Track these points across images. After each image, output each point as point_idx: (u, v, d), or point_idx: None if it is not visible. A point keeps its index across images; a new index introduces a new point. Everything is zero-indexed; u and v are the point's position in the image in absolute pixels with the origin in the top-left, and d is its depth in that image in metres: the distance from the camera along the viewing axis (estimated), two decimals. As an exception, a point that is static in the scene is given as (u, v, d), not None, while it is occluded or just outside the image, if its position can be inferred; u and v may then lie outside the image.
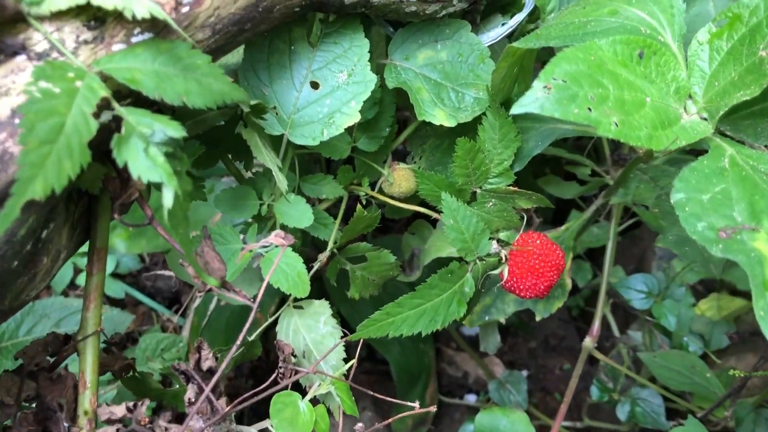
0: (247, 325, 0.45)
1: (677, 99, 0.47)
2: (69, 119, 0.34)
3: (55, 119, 0.33)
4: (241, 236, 0.66)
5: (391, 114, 0.64)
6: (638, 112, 0.43)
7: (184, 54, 0.40)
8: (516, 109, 0.40)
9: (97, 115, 0.36)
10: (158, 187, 0.37)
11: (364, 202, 0.69)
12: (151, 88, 0.38)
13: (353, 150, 0.65)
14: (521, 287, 0.58)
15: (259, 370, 1.16)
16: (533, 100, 0.40)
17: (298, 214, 0.60)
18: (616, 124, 0.41)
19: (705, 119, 0.47)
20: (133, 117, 0.37)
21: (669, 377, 0.81)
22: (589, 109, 0.41)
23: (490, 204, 0.61)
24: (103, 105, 0.37)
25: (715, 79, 0.47)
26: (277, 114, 0.55)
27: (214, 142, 0.60)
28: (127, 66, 0.38)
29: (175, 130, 0.37)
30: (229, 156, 0.64)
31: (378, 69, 0.61)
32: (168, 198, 0.36)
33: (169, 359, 1.02)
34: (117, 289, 1.30)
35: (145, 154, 0.36)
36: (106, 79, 0.38)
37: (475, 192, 0.61)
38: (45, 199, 0.32)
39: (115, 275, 1.31)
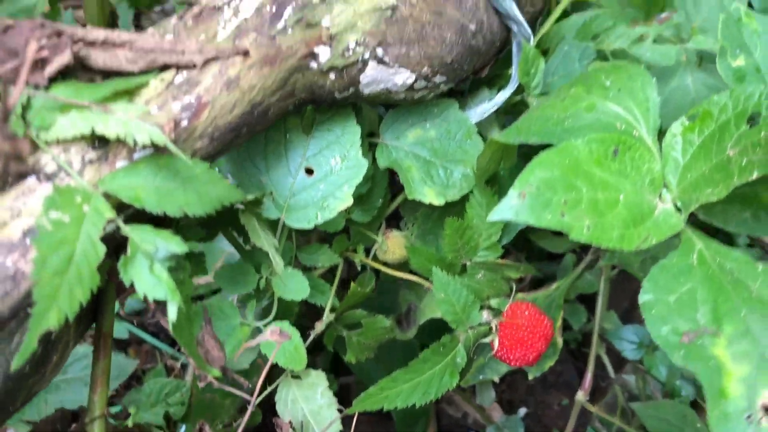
0: (249, 413, 0.48)
1: (652, 190, 0.50)
2: (78, 246, 0.37)
3: (66, 249, 0.36)
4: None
5: (384, 186, 0.67)
6: (611, 212, 0.45)
7: (183, 167, 0.43)
8: (493, 216, 0.43)
9: (102, 237, 0.39)
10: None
11: (359, 269, 0.72)
12: (154, 204, 0.41)
13: (348, 221, 0.67)
14: (511, 358, 0.61)
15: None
16: (509, 208, 0.43)
17: (295, 287, 0.62)
18: (589, 228, 0.44)
19: (679, 209, 0.49)
20: (137, 235, 0.40)
21: (660, 427, 0.83)
22: (563, 213, 0.44)
23: (480, 275, 0.64)
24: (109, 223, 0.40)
25: (688, 171, 0.50)
26: (273, 199, 0.58)
27: (215, 221, 0.63)
28: (130, 184, 0.41)
29: (177, 246, 0.40)
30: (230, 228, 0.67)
31: (370, 146, 0.64)
32: (172, 312, 0.39)
33: (172, 404, 1.04)
34: (121, 329, 1.33)
35: (150, 272, 0.39)
36: (110, 196, 0.41)
37: (465, 264, 0.64)
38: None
39: (119, 315, 1.34)
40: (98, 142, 0.42)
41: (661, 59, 0.63)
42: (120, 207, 0.42)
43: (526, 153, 0.54)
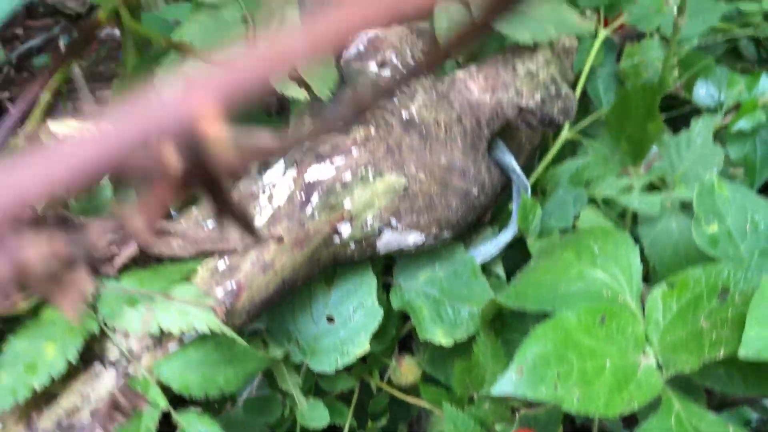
0: None
1: (636, 349, 0.56)
2: (140, 442, 0.44)
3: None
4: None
5: (397, 320, 0.74)
6: (598, 380, 0.52)
7: (227, 350, 0.50)
8: (495, 391, 0.49)
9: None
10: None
11: (374, 391, 0.78)
12: (199, 390, 0.48)
13: (364, 350, 0.74)
14: (513, 485, 0.67)
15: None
16: (508, 383, 0.50)
17: (317, 416, 0.69)
18: (578, 399, 0.50)
19: (660, 366, 0.56)
20: (185, 421, 0.47)
21: None
22: (556, 386, 0.50)
23: (486, 406, 0.70)
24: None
25: (668, 332, 0.56)
26: (298, 345, 0.65)
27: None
28: (180, 372, 0.48)
29: (218, 432, 0.47)
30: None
31: (385, 287, 0.71)
32: (214, 488, 0.46)
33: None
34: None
35: (196, 456, 0.45)
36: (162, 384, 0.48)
37: (473, 396, 0.70)
38: None
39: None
40: (154, 329, 0.49)
41: (647, 209, 0.70)
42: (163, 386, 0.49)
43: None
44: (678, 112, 0.88)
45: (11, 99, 1.02)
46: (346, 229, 0.58)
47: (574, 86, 0.83)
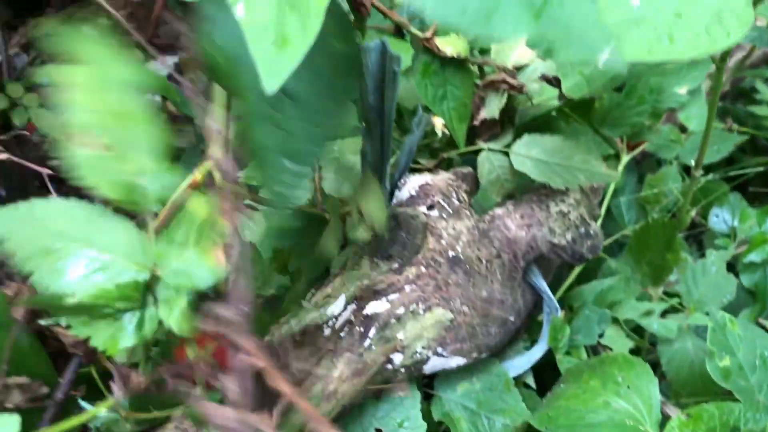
0: None
1: (656, 475, 0.63)
2: None
3: None
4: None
5: (436, 424, 0.81)
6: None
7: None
8: None
9: None
10: None
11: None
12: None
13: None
14: None
15: None
16: None
17: None
18: None
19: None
20: None
21: None
22: None
23: None
24: None
25: (684, 461, 0.63)
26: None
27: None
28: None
29: None
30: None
31: (426, 396, 0.78)
32: None
33: None
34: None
35: None
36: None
37: (504, 501, 0.77)
38: None
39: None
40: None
41: (665, 333, 0.77)
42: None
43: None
44: (697, 230, 0.95)
45: None
46: (398, 358, 0.66)
47: (600, 204, 0.91)
